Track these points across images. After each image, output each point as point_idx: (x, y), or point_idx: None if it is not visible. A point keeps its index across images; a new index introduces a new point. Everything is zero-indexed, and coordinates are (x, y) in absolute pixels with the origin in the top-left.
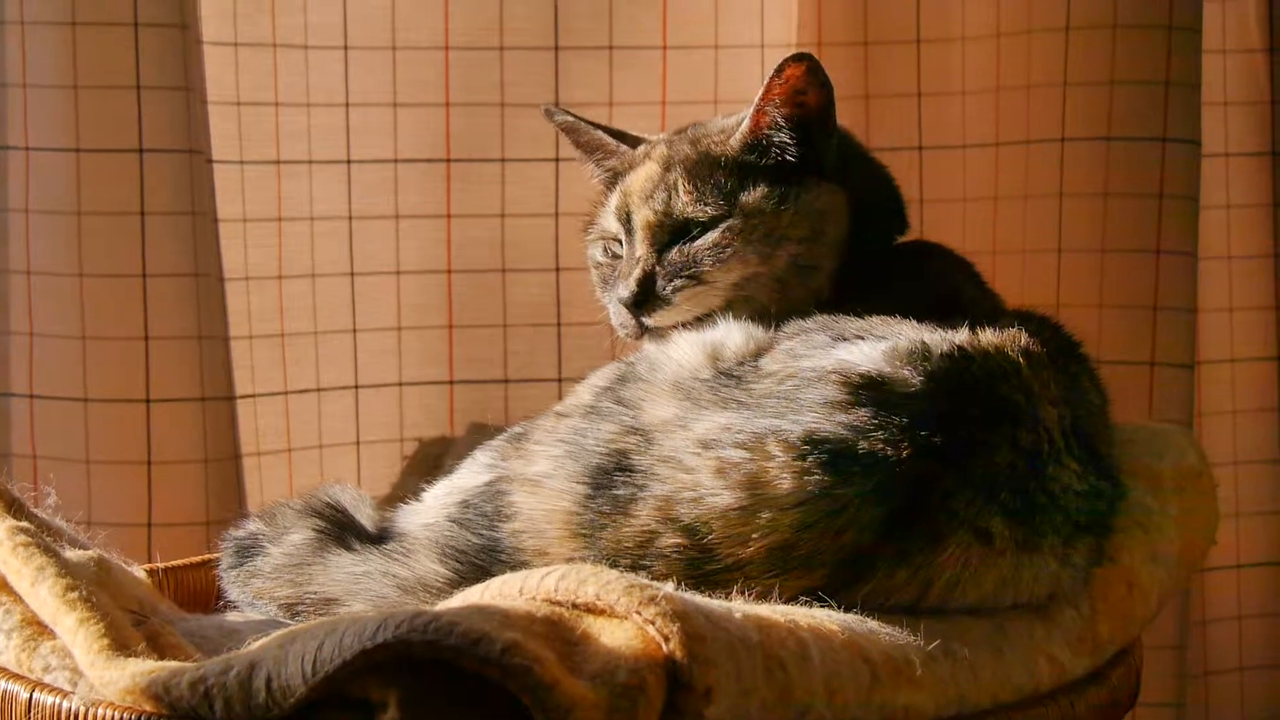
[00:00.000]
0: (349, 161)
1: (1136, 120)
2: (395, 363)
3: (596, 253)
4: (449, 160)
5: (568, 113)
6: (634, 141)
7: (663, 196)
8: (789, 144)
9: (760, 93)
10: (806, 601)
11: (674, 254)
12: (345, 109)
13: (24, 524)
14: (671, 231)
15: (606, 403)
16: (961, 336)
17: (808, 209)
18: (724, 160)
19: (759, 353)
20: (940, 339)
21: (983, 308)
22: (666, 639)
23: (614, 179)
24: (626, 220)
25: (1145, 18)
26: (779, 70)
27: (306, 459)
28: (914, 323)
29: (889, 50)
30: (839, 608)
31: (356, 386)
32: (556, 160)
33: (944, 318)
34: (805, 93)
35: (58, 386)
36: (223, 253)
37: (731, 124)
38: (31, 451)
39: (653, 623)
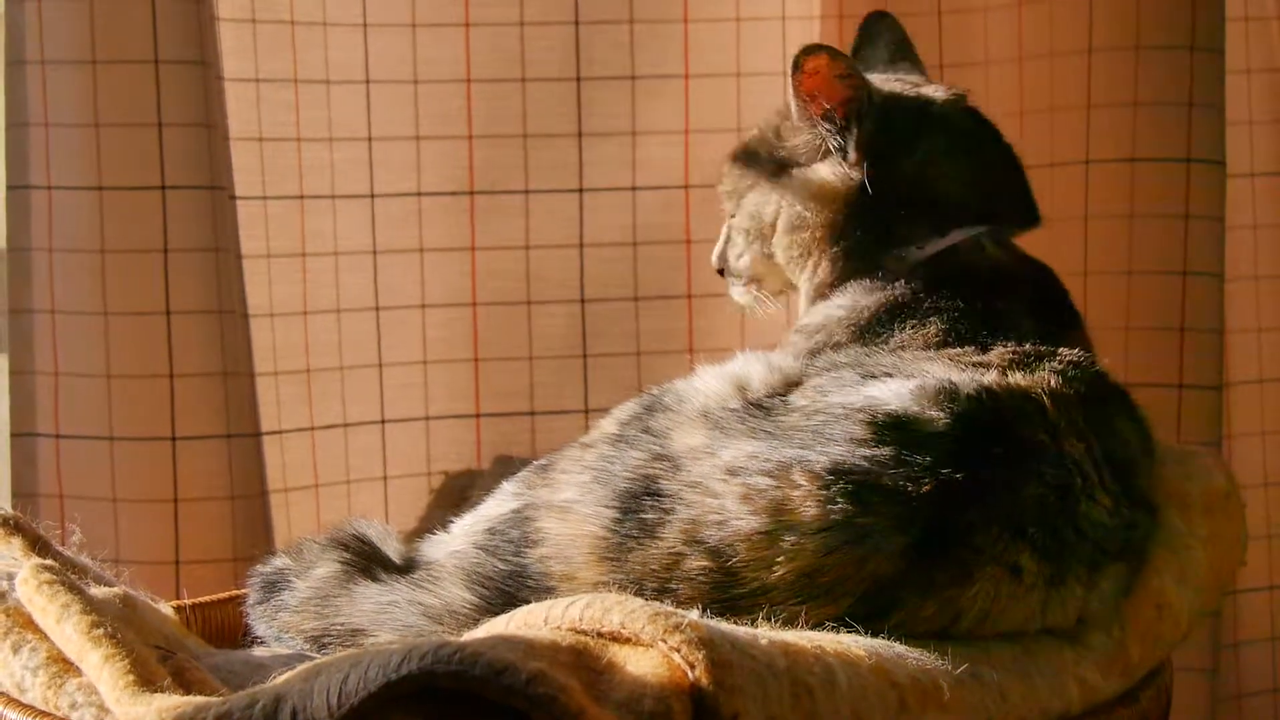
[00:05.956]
0: (372, 195)
1: (1161, 141)
2: (421, 396)
3: None
4: (472, 193)
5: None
6: None
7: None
8: (808, 139)
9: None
10: (833, 629)
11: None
12: (368, 143)
13: (49, 562)
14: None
15: (633, 431)
16: (990, 377)
17: (792, 199)
18: (744, 152)
19: (788, 387)
20: (968, 379)
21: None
22: (692, 666)
23: None
24: None
25: (1168, 39)
26: (795, 66)
27: (334, 494)
28: (945, 361)
29: None
30: (866, 634)
31: (383, 421)
32: (580, 191)
33: (992, 335)
34: (818, 94)
35: (83, 425)
36: (247, 289)
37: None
38: (58, 490)
39: (678, 650)
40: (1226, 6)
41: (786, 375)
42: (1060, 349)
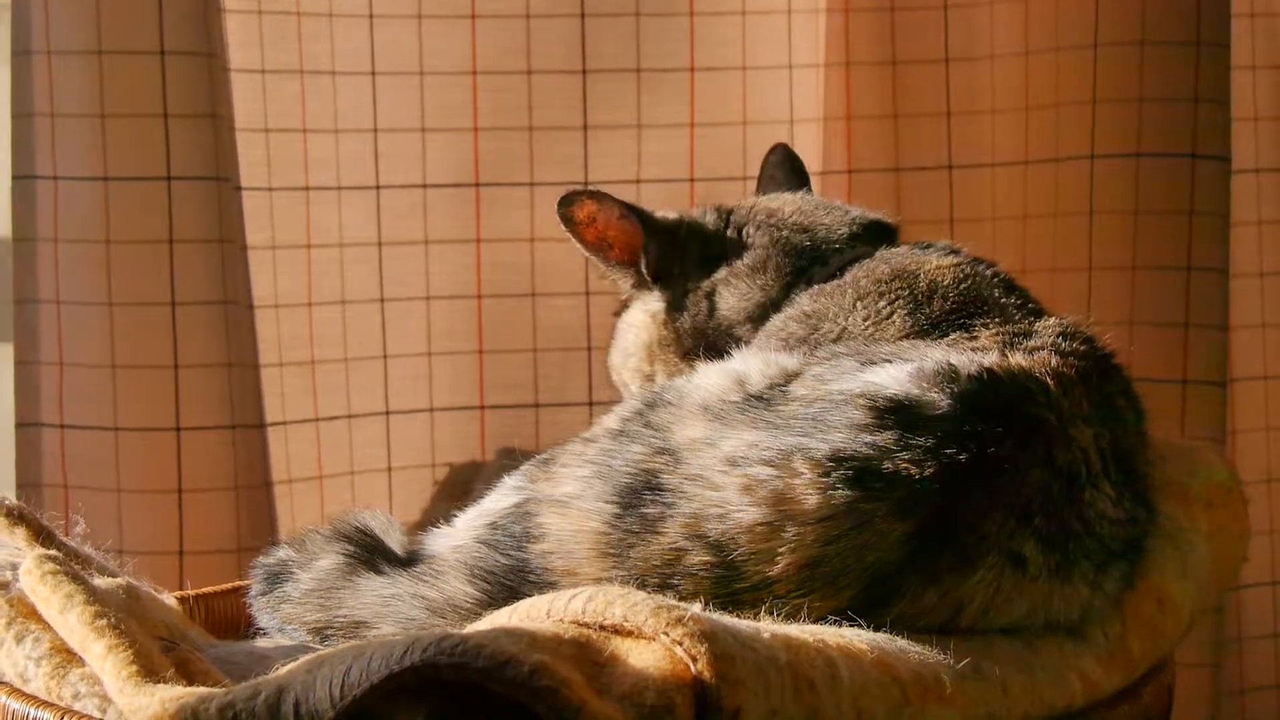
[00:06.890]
0: (378, 187)
1: (1166, 137)
2: (426, 388)
3: None
4: (478, 185)
5: None
6: None
7: None
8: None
9: None
10: (835, 621)
11: None
12: (373, 134)
13: (52, 552)
14: None
15: (635, 426)
16: (991, 358)
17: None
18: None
19: (788, 379)
20: (968, 360)
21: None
22: (694, 659)
23: None
24: None
25: (1173, 34)
26: (560, 219)
27: (338, 485)
28: (943, 345)
29: (917, 69)
30: (868, 628)
31: (387, 412)
32: (585, 183)
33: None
34: (594, 223)
35: (87, 415)
36: (252, 280)
37: None
38: (62, 481)
39: (680, 643)
40: (1232, 2)
41: (785, 368)
42: (1039, 321)
